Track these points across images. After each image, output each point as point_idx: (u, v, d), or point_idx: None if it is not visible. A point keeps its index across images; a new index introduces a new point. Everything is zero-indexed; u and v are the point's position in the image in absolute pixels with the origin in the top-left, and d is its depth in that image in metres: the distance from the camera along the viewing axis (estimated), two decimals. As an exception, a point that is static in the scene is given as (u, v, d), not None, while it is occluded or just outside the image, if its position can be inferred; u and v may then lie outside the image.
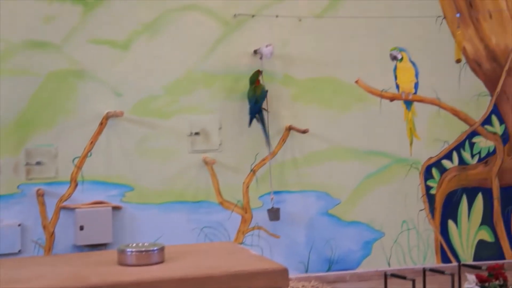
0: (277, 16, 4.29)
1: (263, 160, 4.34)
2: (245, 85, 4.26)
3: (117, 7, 4.05)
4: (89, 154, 4.02)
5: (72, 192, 4.02)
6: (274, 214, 4.27)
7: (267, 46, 4.20)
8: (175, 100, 4.18)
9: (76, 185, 4.02)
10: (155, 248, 2.70)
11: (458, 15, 4.54)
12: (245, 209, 4.32)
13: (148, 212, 4.14)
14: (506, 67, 4.78)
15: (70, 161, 4.01)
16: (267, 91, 4.24)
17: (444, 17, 4.64)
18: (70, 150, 4.01)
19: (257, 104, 4.21)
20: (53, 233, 3.98)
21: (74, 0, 3.98)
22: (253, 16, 4.26)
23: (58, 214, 3.99)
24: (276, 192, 4.35)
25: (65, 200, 4.01)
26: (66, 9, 3.97)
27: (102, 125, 4.04)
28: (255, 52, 4.26)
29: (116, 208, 4.07)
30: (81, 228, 3.98)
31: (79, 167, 4.01)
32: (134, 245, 2.74)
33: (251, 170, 4.33)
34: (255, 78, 4.22)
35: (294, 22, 4.33)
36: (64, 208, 4.00)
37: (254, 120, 4.27)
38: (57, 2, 3.95)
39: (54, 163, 3.98)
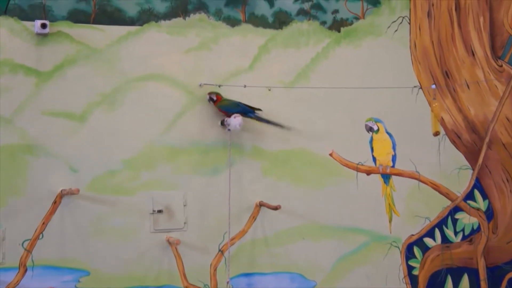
0: (245, 86, 4.20)
1: (232, 239, 4.16)
2: (211, 158, 4.14)
3: (73, 77, 3.91)
4: (40, 236, 3.81)
5: (20, 279, 3.77)
6: None
7: (235, 116, 4.07)
8: (136, 176, 4.01)
9: (26, 270, 3.78)
10: None
11: (433, 86, 4.54)
12: (213, 293, 4.13)
13: (105, 299, 3.91)
14: (487, 139, 4.75)
15: (19, 244, 3.78)
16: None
17: (421, 87, 4.63)
18: (20, 232, 3.78)
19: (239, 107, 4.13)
20: (-3, 325, 3.71)
21: (27, 71, 3.84)
22: (219, 86, 4.17)
23: (4, 304, 3.73)
24: (246, 274, 4.20)
25: (12, 288, 3.76)
26: (18, 80, 3.81)
27: (56, 204, 3.84)
28: (222, 123, 4.14)
29: (69, 295, 3.85)
30: (29, 318, 3.71)
31: (29, 250, 3.78)
32: None
33: (219, 251, 4.15)
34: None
35: (263, 92, 4.25)
36: (11, 296, 3.74)
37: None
38: (9, 73, 3.80)
39: (1, 247, 3.74)
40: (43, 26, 3.81)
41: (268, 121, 4.19)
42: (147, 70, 4.05)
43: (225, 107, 4.09)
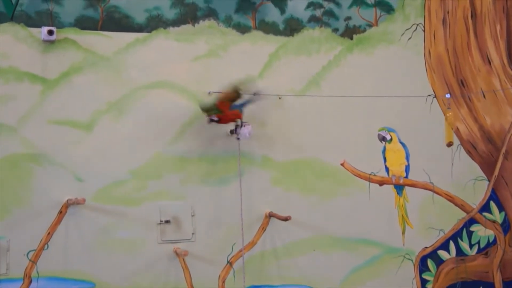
0: (254, 94, 4.12)
1: (241, 250, 4.08)
2: (220, 168, 4.09)
3: (80, 85, 3.88)
4: (45, 246, 3.76)
5: (25, 290, 3.74)
6: None
7: (244, 125, 4.03)
8: (143, 186, 3.97)
9: (30, 282, 3.73)
10: None
11: (448, 95, 4.46)
12: (221, 306, 4.07)
13: (111, 311, 3.86)
14: (503, 150, 4.68)
15: (24, 255, 3.73)
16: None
17: (435, 96, 4.57)
18: (24, 243, 3.73)
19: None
20: (1, 337, 3.67)
21: (32, 79, 3.80)
22: (229, 94, 4.13)
23: (8, 316, 3.68)
24: (255, 287, 4.12)
25: (17, 299, 3.71)
26: (23, 88, 3.78)
27: (61, 214, 3.80)
28: (232, 132, 4.08)
29: (75, 308, 3.81)
30: (34, 330, 3.66)
31: (34, 261, 3.73)
32: None
33: (228, 262, 4.08)
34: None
35: (273, 100, 4.20)
36: (15, 308, 3.70)
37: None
38: (14, 81, 3.77)
39: (6, 257, 3.69)
40: (50, 32, 3.78)
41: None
42: (154, 78, 4.02)
43: (236, 106, 4.00)
